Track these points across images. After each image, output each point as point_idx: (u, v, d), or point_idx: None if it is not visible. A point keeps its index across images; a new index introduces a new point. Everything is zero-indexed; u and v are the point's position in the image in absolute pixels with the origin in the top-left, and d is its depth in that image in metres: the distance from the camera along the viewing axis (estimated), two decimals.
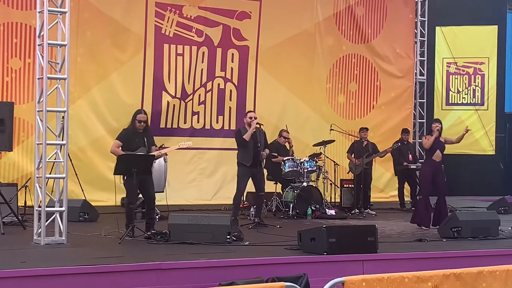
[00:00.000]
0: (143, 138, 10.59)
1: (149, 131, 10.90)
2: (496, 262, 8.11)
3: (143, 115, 10.74)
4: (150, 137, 10.76)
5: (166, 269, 8.05)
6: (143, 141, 10.55)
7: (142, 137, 10.59)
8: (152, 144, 10.74)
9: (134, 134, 10.64)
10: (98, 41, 15.52)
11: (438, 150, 12.73)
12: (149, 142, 10.65)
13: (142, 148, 10.48)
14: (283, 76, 17.62)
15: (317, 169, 14.75)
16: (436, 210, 12.82)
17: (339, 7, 18.40)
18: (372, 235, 9.43)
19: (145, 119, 10.71)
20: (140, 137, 10.59)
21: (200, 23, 16.76)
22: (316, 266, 8.69)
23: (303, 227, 10.65)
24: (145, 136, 10.64)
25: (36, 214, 9.58)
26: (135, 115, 10.76)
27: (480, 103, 21.13)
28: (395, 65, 19.17)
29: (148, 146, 10.61)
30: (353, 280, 5.47)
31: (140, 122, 10.60)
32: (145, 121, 10.72)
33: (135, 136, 10.60)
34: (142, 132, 10.64)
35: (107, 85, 15.69)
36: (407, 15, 19.36)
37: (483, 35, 21.16)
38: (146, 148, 10.53)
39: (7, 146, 10.99)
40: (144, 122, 10.66)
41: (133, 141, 10.54)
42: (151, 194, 10.70)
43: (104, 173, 14.59)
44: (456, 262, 8.93)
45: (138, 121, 10.61)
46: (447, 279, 5.85)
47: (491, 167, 21.01)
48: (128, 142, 10.55)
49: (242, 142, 12.07)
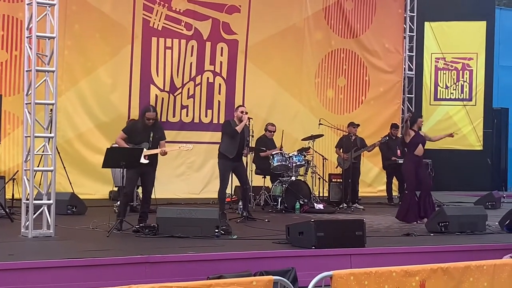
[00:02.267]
0: (149, 132, 10.43)
1: (158, 126, 10.78)
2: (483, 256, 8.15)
3: (151, 113, 10.54)
4: (158, 132, 10.58)
5: (154, 263, 8.06)
6: (148, 136, 10.40)
7: (148, 132, 10.43)
8: (160, 138, 10.58)
9: (141, 127, 10.55)
10: (86, 34, 15.49)
11: (420, 145, 12.77)
12: (156, 137, 10.48)
13: (145, 144, 10.37)
14: (272, 70, 17.65)
15: (306, 164, 14.77)
16: (421, 205, 12.88)
17: (328, 1, 18.42)
18: (360, 229, 9.46)
19: (153, 116, 10.50)
20: (146, 132, 10.44)
21: (189, 16, 16.76)
22: (304, 260, 8.72)
23: (291, 221, 10.67)
24: (152, 131, 10.47)
25: (23, 207, 9.57)
26: (144, 113, 10.62)
27: (468, 98, 21.22)
28: (384, 60, 19.22)
29: (155, 141, 10.46)
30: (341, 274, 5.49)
31: (149, 119, 10.47)
32: (154, 118, 10.54)
33: (141, 130, 10.51)
34: (150, 127, 10.49)
35: (94, 78, 15.67)
36: (396, 10, 19.40)
37: (472, 30, 21.24)
38: (150, 144, 10.39)
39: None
40: (153, 119, 10.50)
41: (138, 135, 10.48)
42: (149, 189, 10.65)
43: (92, 166, 14.56)
44: (444, 256, 8.99)
45: (147, 118, 10.47)
46: (434, 273, 5.88)
47: (478, 163, 21.10)
48: (133, 135, 10.52)
49: (232, 133, 12.02)
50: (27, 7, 9.80)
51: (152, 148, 10.41)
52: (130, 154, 10.27)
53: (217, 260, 8.37)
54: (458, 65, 21.28)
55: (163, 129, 10.97)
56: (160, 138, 10.61)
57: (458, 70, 21.30)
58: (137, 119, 10.81)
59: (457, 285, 5.97)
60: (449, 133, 13.38)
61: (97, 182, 14.72)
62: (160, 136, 10.64)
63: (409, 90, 19.70)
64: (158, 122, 10.91)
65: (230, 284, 5.15)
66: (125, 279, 7.30)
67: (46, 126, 9.86)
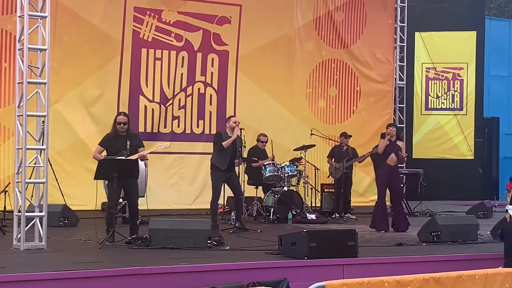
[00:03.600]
0: (126, 141, 10.47)
1: (133, 134, 10.81)
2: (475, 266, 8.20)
3: (122, 116, 10.65)
4: (134, 139, 10.63)
5: (147, 274, 8.05)
6: (124, 144, 10.43)
7: (124, 141, 10.47)
8: (138, 146, 10.56)
9: (115, 138, 10.55)
10: (75, 45, 15.47)
11: (392, 154, 12.81)
12: (133, 144, 10.50)
13: (123, 152, 10.37)
14: (263, 80, 17.66)
15: (298, 174, 14.79)
16: (394, 214, 12.94)
17: (319, 12, 18.47)
18: (353, 239, 9.48)
19: (124, 120, 10.55)
20: (122, 141, 10.47)
21: (180, 27, 16.79)
22: (296, 271, 8.72)
23: (283, 231, 10.66)
24: (128, 139, 10.52)
25: (15, 219, 9.54)
26: (115, 118, 10.73)
27: (459, 108, 21.31)
28: (375, 70, 19.24)
29: (133, 149, 10.45)
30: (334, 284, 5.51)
31: (120, 124, 10.51)
32: (126, 123, 10.55)
33: (116, 140, 10.51)
34: (125, 136, 10.53)
35: (83, 89, 15.66)
36: (386, 21, 19.45)
37: (462, 40, 21.35)
38: (128, 151, 10.40)
39: None
40: (124, 123, 10.52)
41: (114, 145, 10.47)
42: (134, 201, 10.61)
43: (83, 178, 14.52)
44: (436, 266, 9.00)
45: (117, 123, 10.54)
46: (426, 283, 5.91)
47: (470, 172, 21.18)
48: (110, 146, 10.49)
49: (221, 147, 12.07)
50: (18, 20, 9.81)
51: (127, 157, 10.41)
52: (122, 165, 10.27)
53: (209, 271, 8.35)
54: (449, 74, 21.37)
55: (139, 136, 11.00)
56: (137, 146, 10.57)
57: (448, 80, 21.39)
58: (110, 131, 10.77)
59: None
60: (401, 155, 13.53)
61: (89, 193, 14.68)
62: (137, 144, 10.61)
63: (400, 100, 19.72)
64: (131, 131, 10.88)
65: None
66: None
67: (38, 138, 9.86)
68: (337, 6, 18.69)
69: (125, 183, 10.33)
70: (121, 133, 10.55)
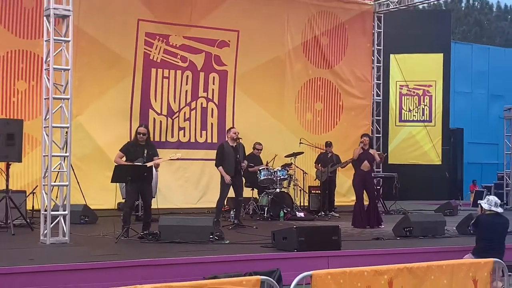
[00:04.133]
0: (144, 150, 10.44)
1: (150, 144, 10.76)
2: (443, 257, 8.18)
3: (143, 128, 10.65)
4: (151, 149, 10.58)
5: (157, 265, 8.08)
6: (142, 152, 10.40)
7: (142, 149, 10.44)
8: (153, 155, 10.53)
9: (135, 146, 10.55)
10: (93, 66, 15.46)
11: (366, 161, 12.85)
12: (149, 153, 10.46)
13: (140, 159, 10.36)
14: (258, 96, 17.68)
15: (288, 177, 14.79)
16: (369, 213, 12.97)
17: (306, 37, 18.51)
18: (336, 234, 9.50)
19: (144, 131, 10.56)
20: (140, 149, 10.45)
21: (185, 50, 16.81)
22: (287, 262, 8.74)
23: (276, 227, 10.68)
24: (146, 148, 10.49)
25: (42, 217, 9.56)
26: (136, 129, 10.74)
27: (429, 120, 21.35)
28: (355, 87, 19.27)
29: (149, 157, 10.42)
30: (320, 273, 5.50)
31: (140, 134, 10.52)
32: (145, 134, 10.55)
33: (135, 148, 10.50)
34: (144, 145, 10.50)
35: (101, 103, 15.64)
36: (365, 44, 19.50)
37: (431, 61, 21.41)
38: (144, 159, 10.37)
39: (16, 157, 10.93)
40: (143, 134, 10.52)
41: (133, 152, 10.45)
42: (148, 201, 10.57)
43: (101, 181, 14.46)
44: (409, 257, 9.02)
45: (138, 133, 10.56)
46: (401, 272, 5.90)
47: (438, 175, 21.19)
48: (129, 153, 10.48)
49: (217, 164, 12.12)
50: (45, 44, 9.85)
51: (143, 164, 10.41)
52: (136, 170, 10.27)
53: (211, 263, 8.38)
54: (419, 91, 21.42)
55: (155, 147, 10.94)
56: (153, 155, 10.55)
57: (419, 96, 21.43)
58: (131, 139, 10.79)
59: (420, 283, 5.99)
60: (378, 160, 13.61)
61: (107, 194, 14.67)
62: (153, 153, 10.59)
63: (377, 113, 19.76)
64: (150, 141, 10.87)
65: (223, 284, 5.15)
66: (131, 280, 7.28)
67: (62, 146, 9.87)
68: (322, 31, 18.73)
69: (140, 186, 10.33)
70: (140, 142, 10.54)
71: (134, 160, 10.39)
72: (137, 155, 10.42)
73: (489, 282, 6.46)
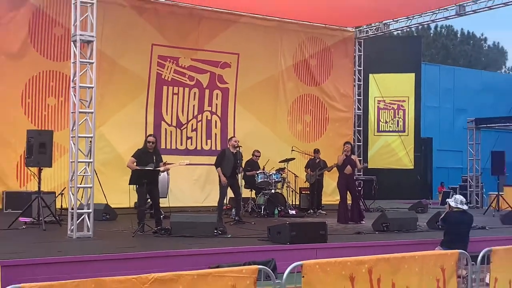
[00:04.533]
0: (152, 156, 10.47)
1: (157, 151, 10.77)
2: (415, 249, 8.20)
3: (151, 137, 10.70)
4: (158, 156, 10.62)
5: (168, 256, 8.08)
6: (152, 158, 10.43)
7: (151, 156, 10.47)
8: (160, 161, 10.57)
9: (145, 153, 10.55)
10: (113, 83, 15.47)
11: (348, 166, 12.87)
12: (157, 159, 10.51)
13: (151, 164, 10.37)
14: (255, 110, 17.69)
15: (282, 180, 14.80)
16: (352, 210, 12.97)
17: (297, 59, 18.56)
18: (323, 229, 9.51)
19: (153, 140, 10.59)
20: (149, 156, 10.47)
21: (192, 71, 16.84)
22: (281, 253, 8.74)
23: (271, 223, 10.65)
24: (154, 155, 10.52)
25: (69, 215, 9.56)
26: (146, 138, 10.77)
27: (402, 130, 21.34)
28: (339, 102, 19.30)
29: (156, 163, 10.46)
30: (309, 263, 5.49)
31: (149, 142, 10.54)
32: (154, 142, 10.58)
33: (145, 155, 10.51)
34: (152, 152, 10.53)
35: (120, 116, 15.65)
36: (348, 65, 19.54)
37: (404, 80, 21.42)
38: (154, 164, 10.42)
39: (47, 163, 10.93)
40: (152, 143, 10.55)
41: (143, 158, 10.45)
42: (157, 201, 10.59)
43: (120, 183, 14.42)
44: (386, 249, 8.98)
45: (147, 141, 10.58)
46: (379, 262, 5.89)
47: (411, 178, 21.20)
48: (140, 159, 10.47)
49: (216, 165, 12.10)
50: (72, 65, 9.86)
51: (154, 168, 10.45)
52: (150, 174, 10.28)
53: (215, 254, 8.39)
54: (394, 105, 21.41)
55: (160, 153, 10.91)
56: (159, 161, 10.58)
57: (394, 109, 21.43)
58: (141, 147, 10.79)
59: (396, 271, 5.98)
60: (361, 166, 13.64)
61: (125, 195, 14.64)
62: (159, 159, 10.61)
63: (358, 124, 19.77)
64: (157, 148, 10.87)
65: (226, 272, 5.14)
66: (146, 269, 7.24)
67: (86, 154, 9.87)
68: (311, 54, 18.78)
69: (149, 187, 10.34)
70: (149, 150, 10.55)
71: (145, 165, 10.38)
72: (147, 161, 10.42)
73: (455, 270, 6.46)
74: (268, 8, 17.11)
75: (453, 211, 8.91)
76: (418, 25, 20.12)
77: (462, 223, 8.89)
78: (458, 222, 8.84)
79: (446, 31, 44.98)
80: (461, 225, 8.86)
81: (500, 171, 16.77)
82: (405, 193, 20.63)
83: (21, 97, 14.51)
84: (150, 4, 16.18)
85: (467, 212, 9.07)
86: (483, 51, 46.30)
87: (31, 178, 13.50)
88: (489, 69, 41.00)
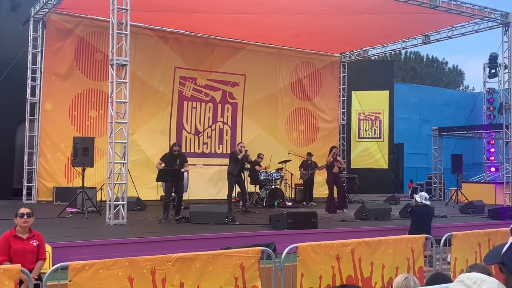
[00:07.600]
0: (177, 159, 10.47)
1: (182, 155, 10.81)
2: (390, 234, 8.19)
3: (176, 146, 10.68)
4: (182, 158, 10.62)
5: (188, 239, 8.08)
6: (176, 161, 10.43)
7: (175, 159, 10.47)
8: (184, 161, 10.57)
9: (171, 156, 10.55)
10: (143, 99, 15.52)
11: (335, 166, 12.88)
12: (181, 161, 10.50)
13: (175, 166, 10.38)
14: (259, 121, 17.67)
15: (281, 178, 14.82)
16: (339, 201, 12.95)
17: (293, 79, 18.57)
18: (314, 217, 9.51)
19: (177, 149, 10.62)
20: (174, 159, 10.47)
21: (208, 88, 16.84)
22: (280, 237, 8.72)
23: (272, 213, 10.66)
24: (178, 158, 10.52)
25: (107, 206, 9.60)
26: (172, 146, 10.77)
27: (379, 137, 21.34)
28: (328, 114, 19.28)
29: (180, 164, 10.45)
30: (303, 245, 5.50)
31: (174, 151, 10.57)
32: (177, 150, 10.61)
33: (171, 158, 10.52)
34: (177, 155, 10.54)
35: (149, 126, 15.67)
36: (334, 84, 19.54)
37: (380, 96, 21.45)
38: (177, 165, 10.40)
39: (90, 164, 10.97)
40: (177, 150, 10.59)
41: (169, 161, 10.47)
42: (180, 194, 10.60)
43: (149, 180, 14.48)
44: (365, 234, 9.03)
45: (173, 150, 10.59)
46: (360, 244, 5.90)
47: (385, 176, 21.18)
48: (167, 161, 10.49)
49: (236, 159, 12.08)
50: (110, 84, 9.92)
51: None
52: (173, 173, 10.29)
53: (226, 238, 8.39)
54: (372, 117, 21.42)
55: (185, 156, 10.95)
56: (184, 162, 10.59)
57: (372, 120, 21.43)
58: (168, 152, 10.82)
59: (374, 252, 5.99)
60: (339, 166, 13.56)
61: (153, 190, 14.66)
62: (184, 161, 10.62)
63: (342, 132, 19.74)
64: (182, 152, 10.89)
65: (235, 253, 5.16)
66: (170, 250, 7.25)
67: (121, 156, 9.90)
68: (304, 75, 18.79)
69: (175, 184, 10.36)
70: (174, 154, 10.55)
71: (170, 166, 10.39)
72: (172, 163, 10.46)
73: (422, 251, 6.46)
74: (269, 37, 17.18)
75: (418, 204, 8.90)
76: (392, 51, 20.13)
77: (425, 214, 8.88)
78: (422, 214, 8.84)
79: (414, 56, 44.98)
80: (425, 216, 8.86)
81: (459, 170, 16.83)
82: (381, 188, 20.61)
83: (69, 110, 14.56)
84: (173, 34, 16.22)
85: (430, 206, 9.08)
86: (444, 72, 46.30)
87: (76, 176, 13.56)
88: (449, 87, 40.94)
